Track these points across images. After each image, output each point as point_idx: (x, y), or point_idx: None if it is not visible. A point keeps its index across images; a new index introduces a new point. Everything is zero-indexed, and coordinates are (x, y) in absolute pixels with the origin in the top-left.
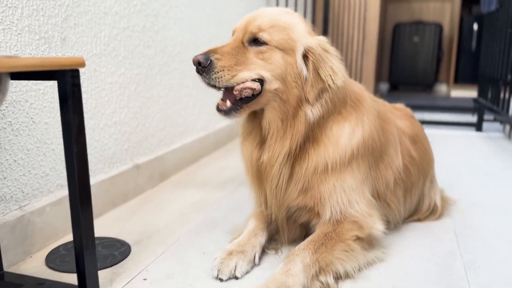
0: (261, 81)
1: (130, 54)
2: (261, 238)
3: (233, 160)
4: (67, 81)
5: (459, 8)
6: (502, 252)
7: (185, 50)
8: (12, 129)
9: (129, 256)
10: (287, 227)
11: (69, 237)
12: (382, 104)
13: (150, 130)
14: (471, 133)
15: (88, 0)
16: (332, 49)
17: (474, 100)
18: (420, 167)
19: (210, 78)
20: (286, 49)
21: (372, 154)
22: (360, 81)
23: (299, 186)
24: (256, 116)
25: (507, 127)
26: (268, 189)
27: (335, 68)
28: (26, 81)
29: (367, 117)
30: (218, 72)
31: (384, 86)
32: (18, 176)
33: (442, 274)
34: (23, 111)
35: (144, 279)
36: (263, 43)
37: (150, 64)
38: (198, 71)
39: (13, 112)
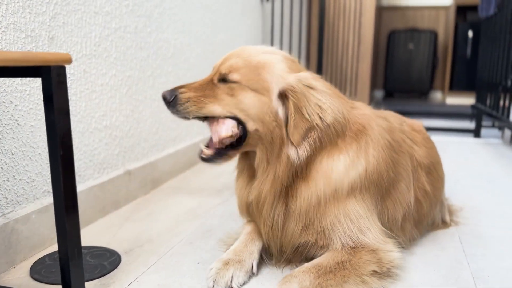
0: (242, 124)
1: (122, 56)
2: (259, 243)
3: (229, 166)
4: (53, 78)
5: (454, 15)
6: (509, 259)
7: (179, 53)
8: None
9: (119, 267)
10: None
11: (56, 247)
12: (399, 129)
13: (142, 134)
14: (469, 139)
15: None
16: (318, 84)
17: (472, 106)
18: (433, 198)
19: (176, 110)
20: (259, 89)
21: (377, 188)
22: (356, 88)
23: (300, 223)
24: (248, 155)
25: (506, 133)
26: (263, 230)
27: (322, 105)
28: (11, 82)
29: (373, 147)
30: (183, 104)
31: (379, 93)
32: (2, 181)
33: (449, 284)
34: (8, 112)
35: None
36: (233, 81)
37: (142, 66)
38: (166, 105)
39: None
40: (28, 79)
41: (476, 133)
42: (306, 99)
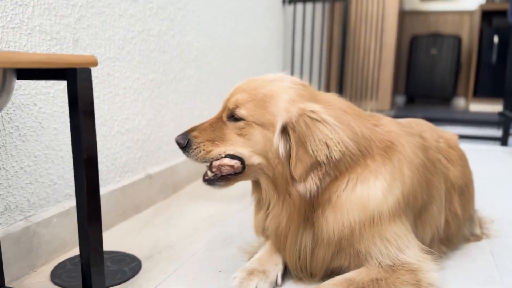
0: (241, 159)
1: (145, 59)
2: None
3: None
4: (78, 81)
5: (479, 20)
6: None
7: (201, 56)
8: (19, 134)
9: (139, 273)
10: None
11: (77, 250)
12: (435, 146)
13: (164, 138)
14: (496, 147)
15: (102, 1)
16: (325, 116)
17: (500, 113)
18: (461, 220)
19: (190, 155)
20: (265, 124)
21: (412, 210)
22: (377, 93)
23: (330, 250)
24: (259, 186)
25: None
26: (289, 261)
27: (328, 141)
28: (35, 84)
29: (408, 167)
30: (195, 149)
31: (401, 99)
32: (24, 184)
33: None
34: (31, 115)
35: None
36: (240, 118)
37: (165, 70)
38: (181, 149)
39: (20, 116)
40: (52, 81)
41: (503, 141)
42: (311, 133)
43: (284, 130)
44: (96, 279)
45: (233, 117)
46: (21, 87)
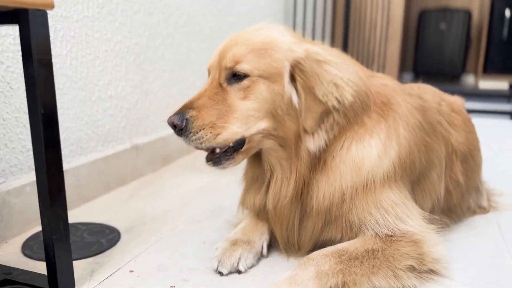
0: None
1: (128, 20)
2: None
3: None
4: (31, 25)
5: None
6: None
7: (192, 22)
8: None
9: (117, 245)
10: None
11: None
12: (435, 108)
13: (151, 108)
14: (507, 122)
15: None
16: (330, 57)
17: (511, 86)
18: (465, 189)
19: (190, 140)
20: (272, 76)
21: (409, 176)
22: (383, 70)
23: (319, 222)
24: (257, 162)
25: None
26: (278, 234)
27: (338, 81)
28: (1, 40)
29: (404, 127)
30: (197, 133)
31: (408, 76)
32: None
33: (490, 276)
34: None
35: (131, 271)
36: (244, 76)
37: (151, 34)
38: (176, 133)
39: None
40: None
41: None
42: (317, 76)
43: (292, 77)
44: (59, 248)
45: (234, 77)
46: None
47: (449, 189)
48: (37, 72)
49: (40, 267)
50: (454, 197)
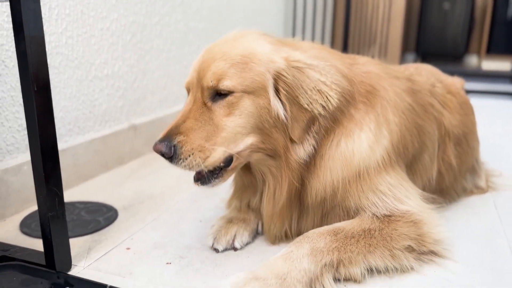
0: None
1: None
2: None
3: None
4: (22, 0)
5: None
6: None
7: (189, 1)
8: None
9: (114, 223)
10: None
11: None
12: (427, 90)
13: (149, 87)
14: (508, 102)
15: None
16: (310, 61)
17: None
18: (457, 172)
19: (180, 165)
20: (256, 90)
21: (403, 160)
22: (386, 51)
23: (317, 214)
24: (249, 168)
25: None
26: (275, 232)
27: (321, 87)
28: None
29: (393, 112)
30: (186, 159)
31: (411, 57)
32: None
33: (483, 254)
34: None
35: (128, 249)
36: (228, 92)
37: (148, 12)
38: (166, 160)
39: None
40: None
41: None
42: (301, 85)
43: (276, 88)
44: (55, 225)
45: (218, 95)
46: None
47: (441, 171)
48: (29, 48)
49: (38, 245)
50: (446, 179)
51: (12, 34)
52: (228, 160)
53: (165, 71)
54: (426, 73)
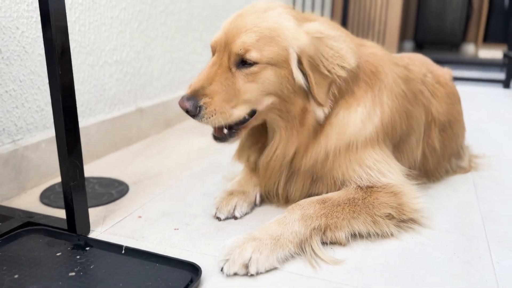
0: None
1: None
2: None
3: None
4: None
5: None
6: None
7: None
8: (2, 57)
9: (126, 195)
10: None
11: None
12: (420, 79)
13: (154, 73)
14: (499, 90)
15: None
16: (329, 32)
17: (504, 55)
18: (440, 156)
19: (203, 122)
20: (279, 62)
21: (391, 140)
22: (384, 38)
23: (307, 179)
24: (258, 128)
25: None
26: (264, 188)
27: (341, 52)
28: (16, 7)
29: (387, 95)
30: (210, 117)
31: (409, 45)
32: (11, 108)
33: (457, 223)
34: (14, 39)
35: (139, 217)
36: (253, 63)
37: (154, 1)
38: (191, 116)
39: (2, 39)
40: (35, 5)
41: (506, 83)
42: (322, 54)
43: (300, 62)
44: (76, 193)
45: (243, 63)
46: (1, 9)
47: (425, 154)
48: (55, 36)
49: (58, 214)
50: (430, 161)
51: (31, 22)
52: (251, 114)
53: (169, 57)
54: (419, 63)
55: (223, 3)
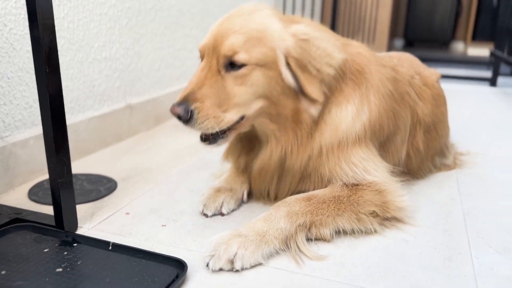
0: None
1: None
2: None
3: None
4: None
5: None
6: (505, 199)
7: None
8: None
9: (114, 192)
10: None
11: None
12: (407, 80)
13: (143, 69)
14: (486, 88)
15: None
16: (314, 33)
17: (491, 53)
18: (424, 157)
19: (195, 127)
20: (268, 64)
21: (377, 138)
22: (374, 36)
23: (296, 177)
24: (248, 132)
25: None
26: (257, 190)
27: (327, 50)
28: (4, 4)
29: (374, 94)
30: (202, 123)
31: (399, 43)
32: None
33: (439, 219)
34: (2, 36)
35: (127, 213)
36: (242, 65)
37: None
38: (182, 123)
39: None
40: (22, 2)
41: (493, 82)
42: (309, 54)
43: (286, 62)
44: (64, 190)
45: (231, 65)
46: None
47: (409, 154)
48: (42, 34)
49: (45, 210)
50: (413, 161)
51: (19, 19)
52: (236, 122)
53: (159, 54)
54: (407, 64)
55: (212, 0)
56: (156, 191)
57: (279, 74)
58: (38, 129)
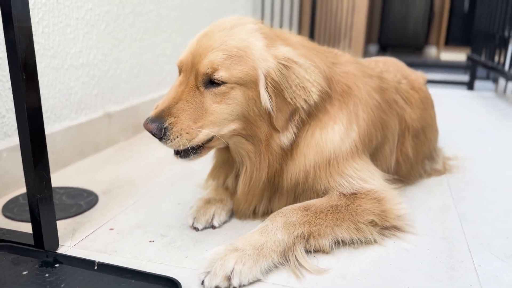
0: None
1: None
2: None
3: None
4: None
5: None
6: (498, 203)
7: None
8: None
9: (96, 206)
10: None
11: None
12: (393, 87)
13: (122, 76)
14: (463, 92)
15: None
16: (297, 59)
17: (468, 57)
18: (413, 162)
19: (167, 145)
20: (248, 83)
21: (368, 150)
22: (350, 41)
23: (290, 196)
24: (228, 147)
25: (501, 84)
26: (243, 212)
27: (305, 83)
28: None
29: (363, 109)
30: (174, 139)
31: (374, 48)
32: None
33: (436, 226)
34: None
35: (111, 229)
36: (221, 82)
37: (122, 2)
38: (156, 138)
39: None
40: None
41: (470, 85)
42: (287, 81)
43: (267, 85)
44: (44, 206)
45: (211, 82)
46: None
47: (399, 161)
48: (18, 38)
49: (23, 228)
50: (403, 167)
51: None
52: (209, 140)
53: (138, 59)
54: (393, 69)
55: (192, 4)
56: (140, 204)
57: (258, 95)
58: (12, 140)
